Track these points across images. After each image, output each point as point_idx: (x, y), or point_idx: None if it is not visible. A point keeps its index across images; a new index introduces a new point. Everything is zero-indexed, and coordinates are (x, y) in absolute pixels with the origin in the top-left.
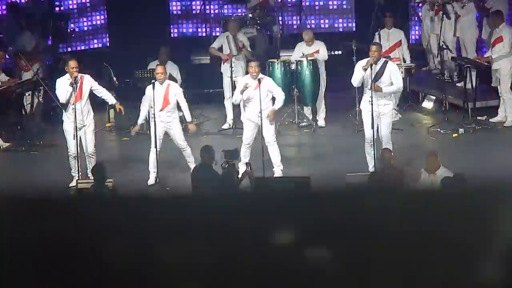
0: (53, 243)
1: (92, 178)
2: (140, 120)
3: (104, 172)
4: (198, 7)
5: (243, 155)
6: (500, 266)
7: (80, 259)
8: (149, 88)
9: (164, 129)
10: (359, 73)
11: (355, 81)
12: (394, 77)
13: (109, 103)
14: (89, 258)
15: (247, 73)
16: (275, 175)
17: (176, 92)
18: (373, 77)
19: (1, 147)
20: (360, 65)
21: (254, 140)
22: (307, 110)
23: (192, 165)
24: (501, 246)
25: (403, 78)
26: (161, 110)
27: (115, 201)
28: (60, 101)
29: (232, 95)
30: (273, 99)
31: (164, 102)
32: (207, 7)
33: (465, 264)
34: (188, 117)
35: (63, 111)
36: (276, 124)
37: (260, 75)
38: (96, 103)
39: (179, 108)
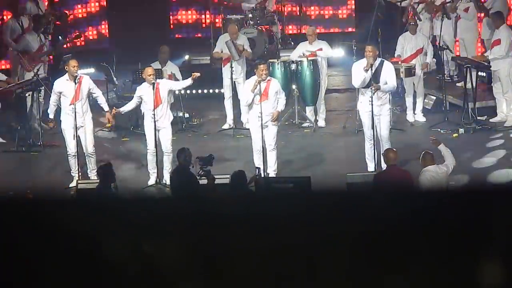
0: (54, 242)
1: (98, 178)
2: (124, 108)
3: (112, 174)
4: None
5: (256, 160)
6: None
7: (81, 258)
8: (140, 89)
9: (157, 128)
10: (361, 74)
11: (357, 82)
12: (389, 76)
13: (104, 109)
14: (90, 257)
15: (247, 73)
16: (269, 176)
17: (166, 86)
18: (372, 77)
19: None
20: (357, 66)
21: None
22: (310, 111)
23: (167, 173)
24: None
25: (406, 78)
26: (154, 110)
27: (115, 201)
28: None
29: (232, 96)
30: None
31: (156, 102)
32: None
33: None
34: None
35: (61, 111)
36: (278, 127)
37: (268, 77)
38: (97, 103)
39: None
